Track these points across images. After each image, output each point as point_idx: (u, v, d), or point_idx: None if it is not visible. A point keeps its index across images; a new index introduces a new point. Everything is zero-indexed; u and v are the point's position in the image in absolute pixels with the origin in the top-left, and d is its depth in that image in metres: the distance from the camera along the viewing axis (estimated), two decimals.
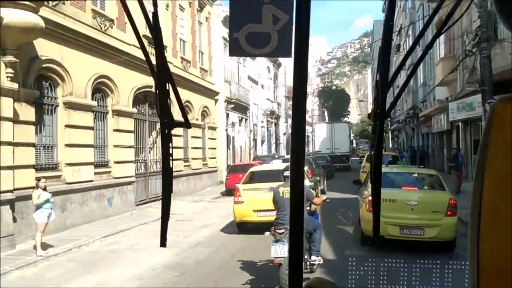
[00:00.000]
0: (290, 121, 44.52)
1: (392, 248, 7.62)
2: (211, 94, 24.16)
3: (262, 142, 36.98)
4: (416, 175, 10.28)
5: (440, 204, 8.58)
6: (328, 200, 7.35)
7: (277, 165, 14.99)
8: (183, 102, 1.24)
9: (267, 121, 38.86)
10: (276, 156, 26.12)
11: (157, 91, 1.13)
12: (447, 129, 25.51)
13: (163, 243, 1.21)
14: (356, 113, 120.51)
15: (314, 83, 71.74)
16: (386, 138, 68.47)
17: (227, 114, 26.67)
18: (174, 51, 19.79)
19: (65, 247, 9.88)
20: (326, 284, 1.43)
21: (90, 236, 11.08)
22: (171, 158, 1.17)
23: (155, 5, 1.12)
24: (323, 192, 16.37)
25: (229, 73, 27.47)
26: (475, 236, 0.92)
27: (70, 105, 12.51)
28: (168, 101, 1.14)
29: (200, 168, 21.96)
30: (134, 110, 16.19)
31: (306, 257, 6.60)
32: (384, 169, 10.83)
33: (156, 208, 16.55)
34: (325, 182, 20.15)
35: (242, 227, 11.85)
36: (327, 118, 76.47)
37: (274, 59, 37.06)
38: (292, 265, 1.06)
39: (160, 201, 1.23)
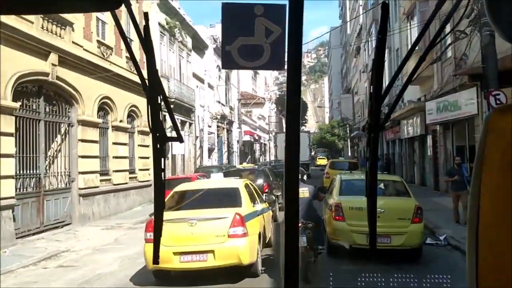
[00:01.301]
0: (244, 127, 40.36)
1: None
2: (142, 91, 19.63)
3: (211, 150, 32.54)
4: (381, 181, 9.82)
5: (406, 211, 8.63)
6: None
7: (216, 181, 10.75)
8: (99, 97, 4.44)
9: (218, 126, 34.46)
10: (224, 168, 21.66)
11: (149, 105, 1.16)
12: (421, 134, 22.23)
13: (155, 261, 1.28)
14: (314, 121, 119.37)
15: (271, 90, 69.59)
16: (345, 146, 65.71)
17: (164, 117, 22.13)
18: (87, 31, 15.23)
19: None
20: None
21: None
22: (163, 173, 1.20)
23: (146, 18, 1.13)
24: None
25: (167, 67, 22.98)
26: (474, 248, 0.92)
27: None
28: (160, 115, 1.16)
29: (125, 183, 17.39)
30: (16, 104, 11.54)
31: (315, 246, 7.10)
32: (348, 176, 11.16)
33: (50, 241, 11.91)
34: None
35: (161, 276, 7.75)
36: (284, 125, 73.29)
37: None
38: (288, 256, 1.10)
39: (60, 228, 0.79)
